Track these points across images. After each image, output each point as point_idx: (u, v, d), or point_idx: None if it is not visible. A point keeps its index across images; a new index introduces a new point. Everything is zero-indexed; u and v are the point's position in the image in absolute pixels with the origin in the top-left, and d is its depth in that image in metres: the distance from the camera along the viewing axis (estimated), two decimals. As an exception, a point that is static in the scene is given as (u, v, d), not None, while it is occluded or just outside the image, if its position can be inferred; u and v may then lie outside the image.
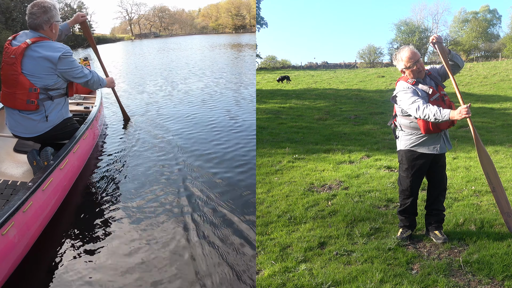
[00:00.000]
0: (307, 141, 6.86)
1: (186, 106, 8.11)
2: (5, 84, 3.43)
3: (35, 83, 3.36)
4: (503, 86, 15.65)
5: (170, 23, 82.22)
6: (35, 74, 3.35)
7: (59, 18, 3.58)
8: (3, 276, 2.51)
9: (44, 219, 3.10)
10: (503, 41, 33.74)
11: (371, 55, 36.63)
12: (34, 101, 3.39)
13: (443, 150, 2.95)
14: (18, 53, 3.30)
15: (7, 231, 2.50)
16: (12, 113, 3.52)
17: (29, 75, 3.34)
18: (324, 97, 13.92)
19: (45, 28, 3.46)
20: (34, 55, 3.33)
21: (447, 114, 2.60)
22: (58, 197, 3.41)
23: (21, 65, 3.31)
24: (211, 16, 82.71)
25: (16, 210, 2.61)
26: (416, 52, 2.90)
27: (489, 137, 7.13)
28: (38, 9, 3.41)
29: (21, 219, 2.68)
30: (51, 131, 3.63)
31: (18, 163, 4.08)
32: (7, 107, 3.54)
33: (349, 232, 3.18)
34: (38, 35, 3.45)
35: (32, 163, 3.54)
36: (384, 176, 4.59)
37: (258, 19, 33.65)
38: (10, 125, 3.58)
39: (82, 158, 4.19)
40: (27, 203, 2.75)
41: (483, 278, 2.48)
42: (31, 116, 3.48)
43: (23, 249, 2.74)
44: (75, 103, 6.13)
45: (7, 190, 3.43)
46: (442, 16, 54.07)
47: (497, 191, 2.66)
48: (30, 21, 3.44)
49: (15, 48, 3.33)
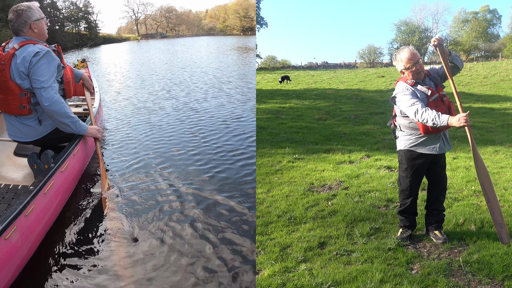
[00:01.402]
0: (307, 141, 6.86)
1: (186, 105, 8.11)
2: None
3: (23, 88, 3.35)
4: (503, 86, 15.66)
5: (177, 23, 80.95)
6: (17, 78, 3.33)
7: (38, 15, 3.50)
8: (7, 280, 2.50)
9: (46, 222, 3.09)
10: (503, 41, 33.75)
11: (371, 55, 36.65)
12: (26, 105, 3.39)
13: (442, 151, 2.95)
14: (7, 59, 3.31)
15: (10, 236, 2.48)
16: (10, 118, 3.53)
17: (16, 80, 3.33)
18: (324, 97, 13.93)
19: (25, 30, 3.44)
20: (16, 60, 3.31)
21: (445, 120, 2.60)
22: (60, 199, 3.40)
23: (10, 70, 3.31)
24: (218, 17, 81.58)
25: (18, 214, 2.59)
26: (416, 53, 2.90)
27: (489, 137, 7.13)
28: (12, 15, 3.43)
29: (24, 223, 2.66)
30: (50, 135, 3.62)
31: (19, 167, 4.07)
32: (4, 113, 3.56)
33: (349, 232, 3.18)
34: (23, 38, 3.43)
35: (32, 166, 3.53)
36: (384, 176, 4.59)
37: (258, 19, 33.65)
38: (9, 130, 3.59)
39: (83, 160, 4.17)
40: (29, 206, 2.74)
41: (483, 278, 2.48)
42: (26, 122, 3.49)
43: (26, 253, 2.72)
44: (74, 105, 6.11)
45: (8, 194, 3.41)
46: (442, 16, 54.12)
47: (491, 202, 2.70)
48: (11, 28, 3.47)
49: (5, 54, 3.33)
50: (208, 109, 7.66)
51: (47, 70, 3.36)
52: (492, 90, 15.04)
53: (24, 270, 2.70)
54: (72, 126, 3.54)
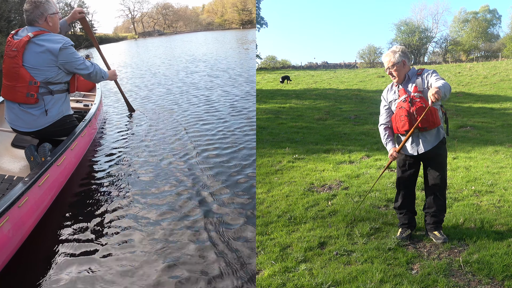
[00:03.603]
0: (307, 141, 6.86)
1: (186, 105, 8.10)
2: (6, 77, 3.48)
3: (35, 76, 3.41)
4: (503, 86, 15.65)
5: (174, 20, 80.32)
6: (36, 66, 3.40)
7: (54, 10, 3.60)
8: None
9: (39, 214, 3.11)
10: (503, 41, 33.74)
11: (371, 55, 36.62)
12: (33, 94, 3.43)
13: (412, 152, 3.00)
14: (20, 46, 3.37)
15: (1, 226, 2.49)
16: (12, 107, 3.54)
17: (30, 68, 3.39)
18: (324, 97, 13.92)
19: (40, 22, 3.52)
20: (36, 48, 3.39)
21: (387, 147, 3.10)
22: (54, 193, 3.44)
23: (23, 58, 3.37)
24: (216, 12, 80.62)
25: (12, 205, 2.61)
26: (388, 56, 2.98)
27: (489, 137, 7.13)
28: (30, 5, 3.48)
29: (16, 214, 2.68)
30: (50, 127, 3.64)
31: (16, 158, 4.09)
32: (7, 101, 3.58)
33: (349, 232, 3.18)
34: (38, 29, 3.50)
35: (29, 158, 3.54)
36: (384, 176, 4.59)
37: (258, 19, 33.66)
38: (10, 119, 3.60)
39: (79, 155, 4.21)
40: (22, 198, 2.75)
41: (483, 278, 2.48)
42: (30, 111, 3.51)
43: (16, 244, 2.74)
44: (75, 100, 6.14)
45: (3, 184, 3.44)
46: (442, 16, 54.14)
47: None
48: (26, 17, 3.52)
49: (17, 41, 3.40)
50: (207, 109, 7.65)
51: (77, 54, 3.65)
52: (492, 90, 15.03)
53: (12, 260, 2.71)
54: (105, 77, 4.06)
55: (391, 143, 3.07)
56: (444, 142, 2.99)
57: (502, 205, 3.60)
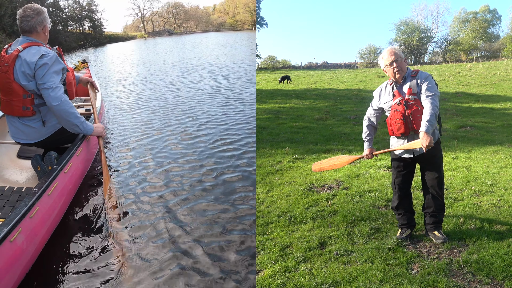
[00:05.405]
0: (307, 141, 6.86)
1: (185, 105, 8.10)
2: (2, 92, 3.43)
3: (27, 89, 3.34)
4: (503, 86, 15.65)
5: (184, 19, 78.31)
6: (22, 80, 3.31)
7: (49, 21, 3.58)
8: (13, 283, 2.49)
9: (51, 224, 3.08)
10: (503, 41, 33.77)
11: (371, 55, 36.67)
12: (29, 107, 3.38)
13: (410, 154, 2.99)
14: (10, 61, 3.29)
15: (15, 238, 2.48)
16: (13, 120, 3.52)
17: (20, 82, 3.31)
18: (324, 97, 13.93)
19: (39, 30, 3.44)
20: (20, 62, 3.30)
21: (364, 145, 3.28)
22: (64, 201, 3.39)
23: (13, 72, 3.29)
24: (228, 12, 78.38)
25: (23, 216, 2.59)
26: (396, 52, 2.95)
27: (489, 137, 7.14)
28: (31, 11, 3.39)
29: (28, 225, 2.66)
30: (53, 136, 3.61)
31: (22, 169, 4.06)
32: (7, 115, 3.54)
33: (349, 232, 3.18)
34: (29, 40, 3.40)
35: (36, 168, 3.52)
36: (384, 176, 4.59)
37: (258, 19, 33.66)
38: (12, 132, 3.57)
39: (86, 160, 4.16)
40: (33, 208, 2.73)
41: (483, 278, 2.48)
42: (29, 123, 3.47)
43: (32, 255, 2.72)
44: (76, 106, 6.12)
45: (12, 196, 3.40)
46: (442, 16, 54.19)
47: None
48: (24, 24, 3.39)
49: (8, 56, 3.32)
50: (207, 109, 7.65)
51: (54, 71, 3.34)
52: (492, 90, 15.04)
53: (30, 272, 2.70)
54: (81, 126, 3.54)
55: (368, 142, 3.25)
56: (439, 142, 2.99)
57: (502, 205, 3.60)
